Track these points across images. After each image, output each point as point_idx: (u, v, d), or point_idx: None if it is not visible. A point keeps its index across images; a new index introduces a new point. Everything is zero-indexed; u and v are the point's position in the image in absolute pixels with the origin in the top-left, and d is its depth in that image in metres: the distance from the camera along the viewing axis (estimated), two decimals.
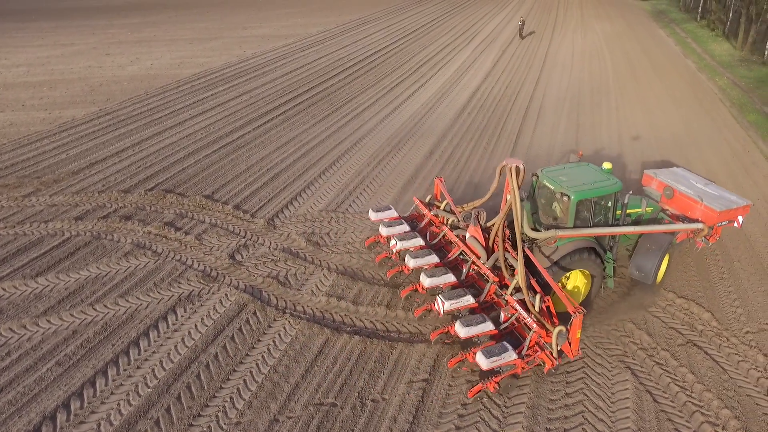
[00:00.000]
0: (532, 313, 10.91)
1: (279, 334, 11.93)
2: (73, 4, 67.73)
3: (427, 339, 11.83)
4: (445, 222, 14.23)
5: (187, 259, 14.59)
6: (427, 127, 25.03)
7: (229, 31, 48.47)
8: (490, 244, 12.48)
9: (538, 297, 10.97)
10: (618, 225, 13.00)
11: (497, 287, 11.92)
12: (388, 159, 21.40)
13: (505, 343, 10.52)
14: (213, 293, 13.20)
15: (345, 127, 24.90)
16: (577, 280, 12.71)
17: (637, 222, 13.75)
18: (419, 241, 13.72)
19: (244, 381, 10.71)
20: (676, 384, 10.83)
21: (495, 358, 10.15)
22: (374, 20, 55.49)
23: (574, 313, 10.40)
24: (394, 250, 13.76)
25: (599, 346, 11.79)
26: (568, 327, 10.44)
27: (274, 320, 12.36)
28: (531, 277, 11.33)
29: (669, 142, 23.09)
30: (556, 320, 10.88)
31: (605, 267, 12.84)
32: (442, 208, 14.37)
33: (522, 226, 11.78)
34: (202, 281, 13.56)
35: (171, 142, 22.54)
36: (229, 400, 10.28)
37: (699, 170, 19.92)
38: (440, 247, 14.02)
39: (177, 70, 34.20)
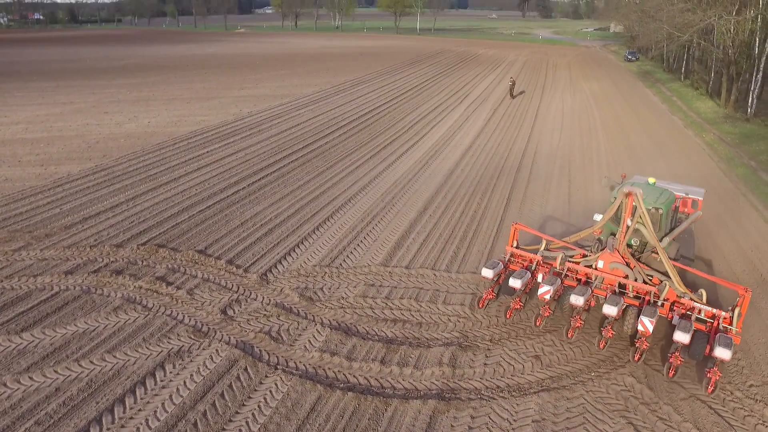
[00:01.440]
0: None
1: (270, 391, 11.56)
2: (74, 66, 69.44)
3: (423, 395, 11.49)
4: (543, 260, 14.91)
5: (177, 314, 14.30)
6: (420, 184, 25.25)
7: (225, 91, 49.59)
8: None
9: (704, 292, 12.91)
10: (676, 225, 15.30)
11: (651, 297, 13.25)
12: (381, 215, 21.44)
13: (722, 335, 11.88)
14: (203, 349, 12.86)
15: (339, 183, 25.08)
16: None
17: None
18: (558, 281, 14.00)
19: None
20: None
21: (732, 347, 11.57)
22: (368, 81, 57.03)
23: (746, 291, 12.09)
24: (547, 297, 13.74)
25: (599, 401, 11.46)
26: (739, 307, 12.19)
27: (266, 376, 12.00)
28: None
29: None
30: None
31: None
32: (543, 248, 15.04)
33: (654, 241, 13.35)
34: (192, 336, 13.24)
35: (165, 197, 22.57)
36: None
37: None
38: None
39: (174, 128, 34.72)
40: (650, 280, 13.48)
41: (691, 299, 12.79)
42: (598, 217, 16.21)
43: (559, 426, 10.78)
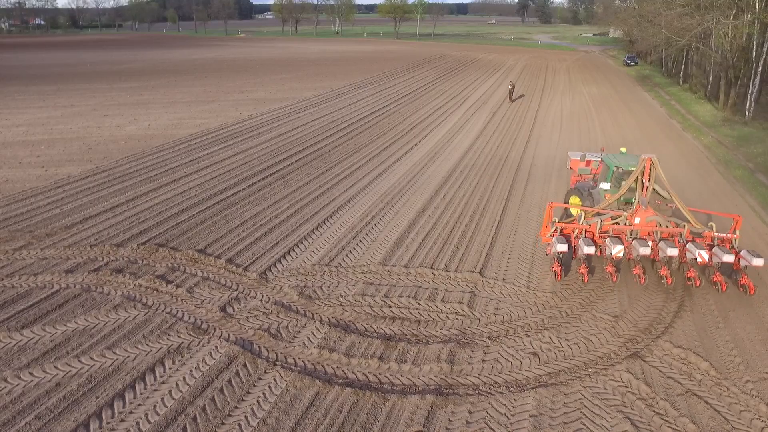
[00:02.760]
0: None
1: (269, 386, 11.62)
2: (75, 70, 69.71)
3: (421, 390, 11.56)
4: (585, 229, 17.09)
5: (177, 311, 14.37)
6: (419, 185, 25.35)
7: (225, 95, 49.79)
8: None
9: (713, 225, 16.62)
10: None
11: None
12: (381, 215, 21.53)
13: (746, 250, 15.41)
14: (203, 345, 12.93)
15: (339, 184, 25.19)
16: None
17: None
18: (620, 240, 16.21)
19: None
20: None
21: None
22: (367, 85, 57.26)
23: (738, 217, 16.46)
24: (620, 254, 15.82)
25: (596, 396, 11.52)
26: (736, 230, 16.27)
27: (265, 372, 12.06)
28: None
29: None
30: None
31: None
32: (584, 218, 17.30)
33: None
34: (192, 333, 13.31)
35: (165, 198, 22.68)
36: None
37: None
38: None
39: (174, 130, 34.86)
40: (670, 224, 16.73)
41: (709, 231, 16.25)
42: (603, 185, 19.15)
43: (556, 421, 10.84)
